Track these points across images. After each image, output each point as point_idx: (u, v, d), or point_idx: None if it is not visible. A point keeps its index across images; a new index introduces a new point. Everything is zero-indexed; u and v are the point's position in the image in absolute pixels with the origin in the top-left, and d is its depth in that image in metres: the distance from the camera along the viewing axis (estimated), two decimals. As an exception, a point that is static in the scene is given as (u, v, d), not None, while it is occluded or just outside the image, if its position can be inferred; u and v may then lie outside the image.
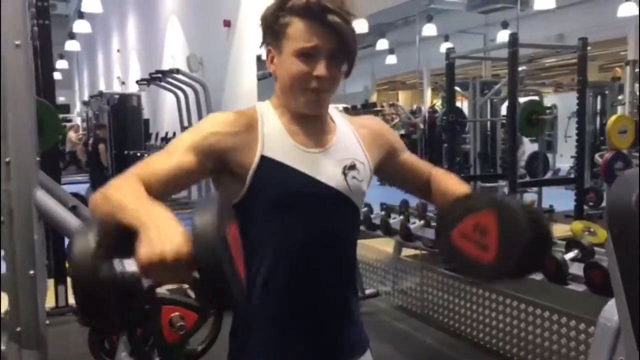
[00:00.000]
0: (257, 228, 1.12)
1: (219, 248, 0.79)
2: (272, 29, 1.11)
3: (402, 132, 11.95)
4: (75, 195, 2.96)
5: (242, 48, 6.29)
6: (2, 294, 1.83)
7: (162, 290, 1.64)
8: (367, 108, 14.42)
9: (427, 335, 3.60)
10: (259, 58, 6.09)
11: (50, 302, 3.91)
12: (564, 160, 8.37)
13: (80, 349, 2.21)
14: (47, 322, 1.90)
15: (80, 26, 11.50)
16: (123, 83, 13.44)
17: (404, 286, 4.04)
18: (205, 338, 1.80)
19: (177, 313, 1.83)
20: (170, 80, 7.23)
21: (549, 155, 8.40)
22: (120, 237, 0.85)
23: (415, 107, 11.12)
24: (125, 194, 0.92)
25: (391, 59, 12.74)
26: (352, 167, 1.16)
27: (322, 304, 1.16)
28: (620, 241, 1.19)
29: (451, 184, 1.27)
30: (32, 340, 1.78)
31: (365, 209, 4.01)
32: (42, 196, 1.81)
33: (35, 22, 3.95)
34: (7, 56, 1.72)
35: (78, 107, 19.50)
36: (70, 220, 1.85)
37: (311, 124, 1.16)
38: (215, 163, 1.08)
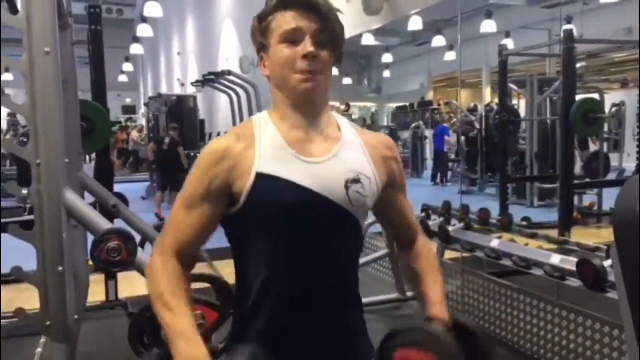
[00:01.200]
0: (251, 243, 1.11)
1: None
2: (259, 37, 1.12)
3: (458, 131, 11.76)
4: (117, 194, 3.07)
5: (291, 49, 6.35)
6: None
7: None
8: (423, 106, 14.24)
9: (466, 340, 3.50)
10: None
11: (100, 296, 4.11)
12: (632, 160, 7.93)
13: (125, 341, 2.31)
14: (76, 316, 1.98)
15: (143, 30, 11.95)
16: (182, 84, 13.86)
17: (445, 289, 3.95)
18: (226, 336, 1.84)
19: (198, 311, 1.89)
20: (222, 81, 7.38)
21: (614, 155, 7.99)
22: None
23: (472, 105, 10.89)
24: (165, 300, 1.06)
25: (449, 56, 12.49)
26: (356, 180, 1.10)
27: (319, 319, 1.13)
28: (623, 246, 1.14)
29: (427, 277, 1.25)
30: (60, 333, 1.87)
31: (406, 210, 3.94)
32: (70, 196, 1.89)
33: (88, 27, 4.15)
34: (36, 63, 1.80)
35: (142, 108, 20.28)
36: (97, 218, 1.92)
37: (311, 127, 1.11)
38: (226, 197, 1.09)
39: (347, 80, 14.84)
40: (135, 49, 14.70)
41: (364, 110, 17.22)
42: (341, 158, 1.11)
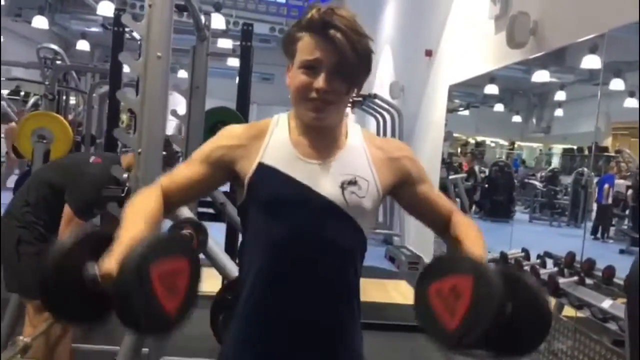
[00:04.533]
0: (251, 232, 1.19)
1: (131, 281, 0.89)
2: (288, 44, 1.19)
3: (629, 183, 10.58)
4: (226, 194, 3.27)
5: (438, 78, 6.30)
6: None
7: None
8: (595, 152, 13.03)
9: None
10: (451, 89, 6.03)
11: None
12: None
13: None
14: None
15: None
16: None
17: (555, 347, 3.61)
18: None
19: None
20: (370, 104, 7.55)
21: None
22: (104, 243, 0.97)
23: (646, 156, 9.76)
24: (138, 209, 1.10)
25: (630, 103, 11.32)
26: (353, 182, 1.17)
27: (306, 318, 1.15)
28: (631, 309, 1.02)
29: (469, 241, 1.17)
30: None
31: (522, 253, 3.69)
32: (162, 185, 2.11)
33: (240, 42, 4.55)
34: (149, 65, 2.05)
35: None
36: (182, 210, 2.10)
37: (319, 137, 1.19)
38: (225, 172, 1.21)
39: (516, 118, 14.23)
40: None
41: (529, 150, 16.27)
42: (341, 161, 1.19)
